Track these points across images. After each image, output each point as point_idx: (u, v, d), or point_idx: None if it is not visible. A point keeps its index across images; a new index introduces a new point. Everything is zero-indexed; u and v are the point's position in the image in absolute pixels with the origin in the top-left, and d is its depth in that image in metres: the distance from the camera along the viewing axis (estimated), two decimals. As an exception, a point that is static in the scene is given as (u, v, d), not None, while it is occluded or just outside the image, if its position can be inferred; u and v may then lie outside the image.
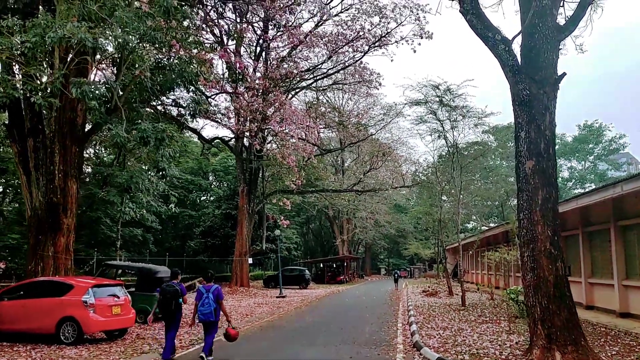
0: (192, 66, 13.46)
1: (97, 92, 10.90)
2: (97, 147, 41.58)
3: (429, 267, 74.76)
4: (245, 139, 31.87)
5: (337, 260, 55.32)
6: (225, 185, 50.79)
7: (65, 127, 15.05)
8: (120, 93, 15.78)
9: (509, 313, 16.36)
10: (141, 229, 42.16)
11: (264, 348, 11.49)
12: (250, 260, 28.30)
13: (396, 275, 44.86)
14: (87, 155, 33.21)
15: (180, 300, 10.14)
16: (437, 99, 21.08)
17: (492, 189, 58.21)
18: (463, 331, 12.83)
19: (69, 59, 13.52)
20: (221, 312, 10.03)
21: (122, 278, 17.19)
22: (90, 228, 38.62)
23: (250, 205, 32.71)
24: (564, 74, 8.25)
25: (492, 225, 45.11)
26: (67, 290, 11.90)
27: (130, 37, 11.43)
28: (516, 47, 8.57)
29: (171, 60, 13.62)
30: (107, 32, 10.90)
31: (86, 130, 15.75)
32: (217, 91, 19.51)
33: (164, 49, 13.94)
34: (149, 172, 13.70)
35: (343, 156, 57.04)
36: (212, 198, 55.84)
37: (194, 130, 23.50)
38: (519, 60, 8.47)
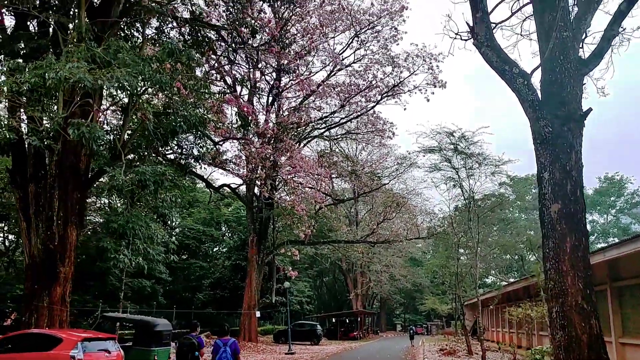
0: (198, 111, 13.08)
1: (96, 134, 10.43)
2: (111, 197, 41.66)
3: (446, 324, 72.23)
4: (255, 188, 31.43)
5: (351, 315, 53.52)
6: (236, 236, 50.09)
7: (67, 172, 14.62)
8: (127, 137, 15.48)
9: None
10: (151, 281, 41.41)
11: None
12: (258, 314, 27.15)
13: (412, 331, 43.77)
14: (99, 204, 33.07)
15: (197, 353, 9.97)
16: (452, 146, 20.48)
17: (511, 241, 56.75)
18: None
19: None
20: None
21: (121, 331, 16.28)
22: (100, 279, 37.96)
23: (260, 256, 31.83)
24: (590, 109, 7.57)
25: (512, 280, 43.45)
26: (56, 344, 11.09)
27: (133, 79, 11.06)
28: (535, 82, 7.96)
29: (177, 104, 13.25)
30: (109, 74, 10.53)
31: (90, 176, 15.30)
32: (226, 137, 19.15)
33: (169, 93, 13.61)
34: (148, 218, 13.13)
35: (357, 207, 56.25)
36: (224, 249, 55.12)
37: (201, 177, 23.06)
38: (539, 95, 7.84)
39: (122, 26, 17.44)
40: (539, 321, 12.81)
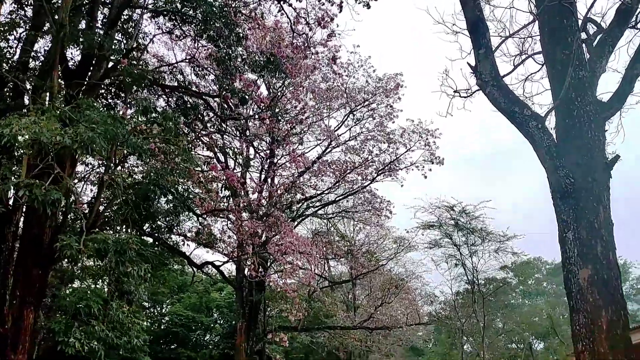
0: (171, 177, 11.98)
1: (51, 197, 9.24)
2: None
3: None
4: (246, 269, 29.70)
5: (349, 411, 49.59)
6: (227, 323, 47.53)
7: (27, 246, 13.24)
8: (101, 209, 14.24)
9: None
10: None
11: None
12: (243, 410, 24.59)
13: None
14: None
15: None
16: (452, 221, 19.25)
17: (516, 330, 54.01)
18: None
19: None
20: None
21: None
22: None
23: (249, 344, 29.42)
24: (618, 156, 6.46)
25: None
26: None
27: (100, 138, 10.02)
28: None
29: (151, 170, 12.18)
30: (71, 131, 9.53)
31: (55, 251, 13.91)
32: (211, 210, 17.95)
33: (147, 159, 12.57)
34: (109, 297, 11.67)
35: (354, 292, 53.89)
36: (216, 338, 52.10)
37: (182, 254, 21.59)
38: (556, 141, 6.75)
39: (104, 94, 16.82)
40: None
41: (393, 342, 56.27)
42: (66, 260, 10.20)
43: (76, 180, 15.17)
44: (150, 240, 20.06)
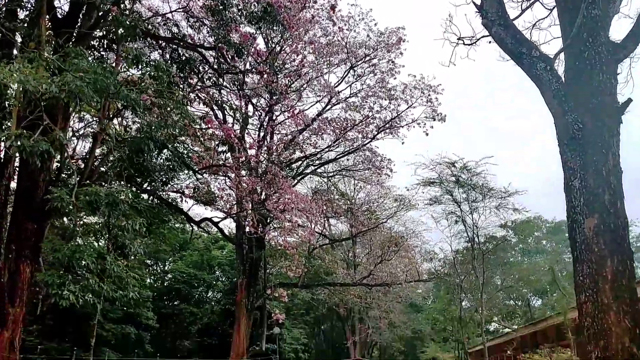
0: (166, 131, 11.64)
1: (39, 148, 8.94)
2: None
3: (449, 375, 68.91)
4: (246, 227, 29.73)
5: (348, 365, 50.69)
6: (228, 279, 47.99)
7: (20, 200, 13.04)
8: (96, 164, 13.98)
9: None
10: (133, 327, 39.10)
11: None
12: (243, 362, 24.97)
13: None
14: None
15: None
16: (453, 178, 18.99)
17: (515, 286, 54.61)
18: None
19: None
20: None
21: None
22: (78, 326, 35.72)
23: (250, 299, 29.73)
24: (630, 100, 6.13)
25: (515, 326, 41.10)
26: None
27: (88, 88, 9.62)
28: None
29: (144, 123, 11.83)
30: (57, 79, 9.13)
31: (48, 205, 13.70)
32: (208, 166, 17.64)
33: (139, 111, 12.19)
34: (104, 250, 11.54)
35: (354, 250, 54.22)
36: (218, 295, 52.86)
37: (180, 210, 21.45)
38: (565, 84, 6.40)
39: (97, 46, 16.29)
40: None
41: (392, 299, 57.05)
42: (63, 215, 9.97)
43: (70, 134, 14.83)
44: (146, 196, 19.94)
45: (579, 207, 6.04)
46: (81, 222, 16.87)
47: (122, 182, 13.69)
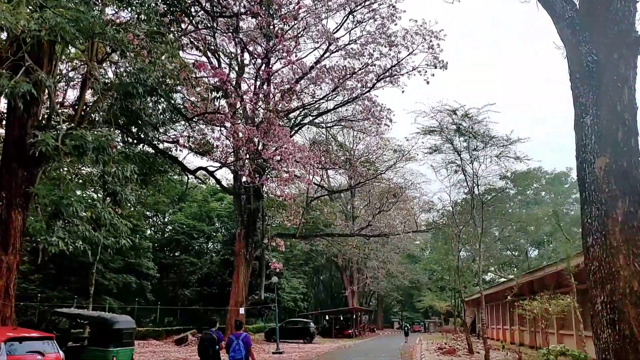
0: (155, 73, 11.10)
1: (20, 89, 8.47)
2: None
3: (444, 321, 70.45)
4: (244, 177, 29.53)
5: (346, 313, 51.58)
6: (227, 230, 48.20)
7: (10, 148, 12.64)
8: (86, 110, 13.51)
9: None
10: (134, 276, 39.49)
11: None
12: (242, 310, 25.22)
13: (407, 328, 45.58)
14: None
15: (217, 347, 10.72)
16: (454, 126, 18.54)
17: (512, 237, 54.99)
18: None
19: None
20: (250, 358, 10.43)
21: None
22: (80, 275, 36.03)
23: (248, 250, 29.85)
24: (649, 29, 5.67)
25: (511, 276, 41.55)
26: (-27, 345, 9.14)
27: (69, 25, 9.04)
28: None
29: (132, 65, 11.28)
30: (36, 15, 8.57)
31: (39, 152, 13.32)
32: (201, 113, 17.12)
33: (127, 53, 11.62)
34: (93, 196, 11.28)
35: (353, 202, 54.28)
36: (218, 246, 53.27)
37: (174, 159, 21.06)
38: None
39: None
40: (549, 317, 10.95)
41: (390, 250, 57.69)
42: (50, 160, 9.57)
43: (58, 79, 14.29)
44: (142, 147, 19.54)
45: (590, 145, 5.68)
46: (73, 171, 16.57)
47: (112, 129, 13.28)
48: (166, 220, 58.40)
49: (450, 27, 25.87)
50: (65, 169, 13.56)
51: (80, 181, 15.79)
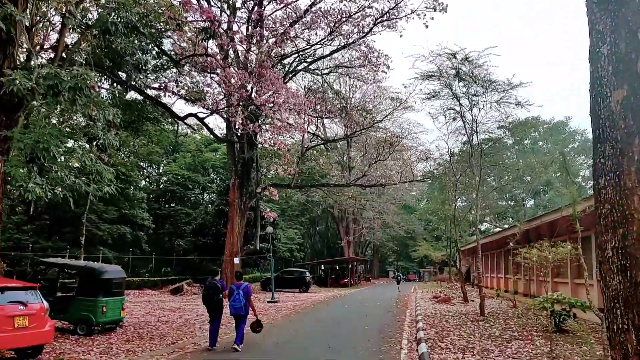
0: (136, 9, 10.31)
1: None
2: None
3: (439, 271, 71.38)
4: (236, 124, 28.88)
5: (342, 262, 51.97)
6: (221, 181, 47.86)
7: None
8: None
9: (547, 328, 13.10)
10: (129, 227, 39.38)
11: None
12: (237, 260, 25.13)
13: (399, 277, 46.97)
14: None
15: (221, 295, 11.28)
16: (453, 70, 17.79)
17: (508, 187, 54.88)
18: (489, 354, 9.54)
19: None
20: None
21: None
22: (74, 225, 35.86)
23: (243, 200, 29.54)
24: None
25: (505, 226, 41.62)
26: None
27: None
28: None
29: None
30: None
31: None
32: (188, 55, 16.28)
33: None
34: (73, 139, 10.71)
35: (349, 153, 53.76)
36: (213, 196, 53.10)
37: (164, 105, 20.33)
38: None
39: None
40: (548, 265, 10.66)
41: (386, 200, 57.67)
42: (24, 100, 8.90)
43: (38, 18, 13.39)
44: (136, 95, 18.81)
45: (606, 77, 5.12)
46: (63, 118, 15.92)
47: (91, 69, 12.55)
48: (161, 171, 58.02)
49: (451, 9, 24.56)
50: (44, 111, 12.88)
51: (68, 129, 15.12)
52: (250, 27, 26.48)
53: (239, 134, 29.58)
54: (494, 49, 17.06)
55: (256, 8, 22.88)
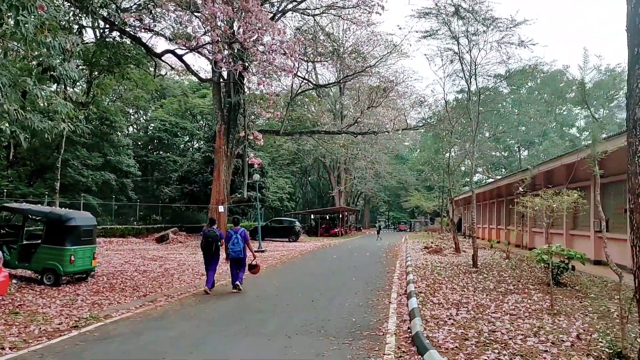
0: None
1: None
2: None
3: (430, 221, 71.38)
4: (220, 63, 27.35)
5: (332, 212, 51.46)
6: (209, 128, 46.58)
7: None
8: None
9: (544, 281, 12.42)
10: (114, 174, 38.34)
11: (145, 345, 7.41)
12: (221, 209, 24.21)
13: (379, 227, 48.50)
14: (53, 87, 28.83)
15: (219, 243, 11.90)
16: (452, 7, 16.42)
17: (503, 137, 53.99)
18: (485, 310, 8.78)
19: None
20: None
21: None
22: (55, 171, 34.83)
23: (229, 146, 28.34)
24: None
25: (499, 176, 40.88)
26: None
27: None
28: None
29: None
30: None
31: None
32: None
33: None
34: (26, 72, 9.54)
35: (342, 101, 52.27)
36: (201, 143, 51.88)
37: (138, 40, 18.77)
38: None
39: None
40: (552, 215, 9.79)
41: (379, 150, 56.67)
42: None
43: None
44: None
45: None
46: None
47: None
48: (148, 117, 56.48)
49: None
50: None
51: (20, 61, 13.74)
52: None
53: (224, 77, 28.13)
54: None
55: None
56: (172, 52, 18.85)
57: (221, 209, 24.04)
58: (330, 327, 7.70)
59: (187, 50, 17.46)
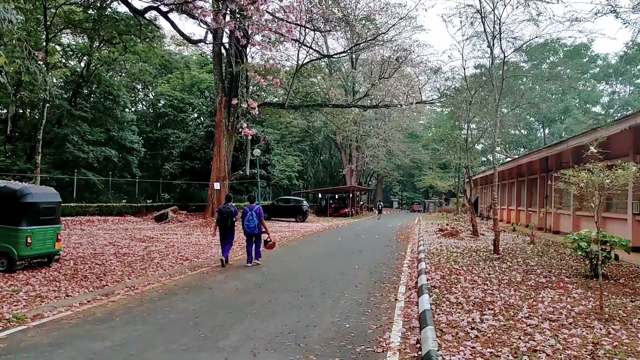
0: None
1: None
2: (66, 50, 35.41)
3: (445, 201, 69.31)
4: (224, 36, 25.48)
5: (343, 191, 49.54)
6: (211, 100, 44.78)
7: None
8: None
9: (580, 272, 10.55)
10: (117, 150, 36.84)
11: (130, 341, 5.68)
12: (217, 186, 22.55)
13: (380, 206, 48.70)
14: (54, 62, 27.15)
15: (234, 219, 12.24)
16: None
17: (522, 114, 51.44)
18: (516, 313, 6.92)
19: None
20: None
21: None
22: (56, 147, 33.37)
23: (230, 120, 26.61)
24: None
25: (515, 156, 38.59)
26: None
27: None
28: None
29: None
30: None
31: None
32: None
33: None
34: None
35: (354, 76, 49.91)
36: (204, 118, 50.17)
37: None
38: None
39: None
40: (590, 194, 7.87)
41: (392, 127, 54.49)
42: None
43: None
44: None
45: None
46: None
47: None
48: (155, 93, 54.84)
49: None
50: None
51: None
52: None
53: (226, 46, 26.24)
54: None
55: None
56: (156, 8, 16.91)
57: (217, 186, 22.35)
58: (313, 339, 5.87)
59: (173, 5, 15.51)
